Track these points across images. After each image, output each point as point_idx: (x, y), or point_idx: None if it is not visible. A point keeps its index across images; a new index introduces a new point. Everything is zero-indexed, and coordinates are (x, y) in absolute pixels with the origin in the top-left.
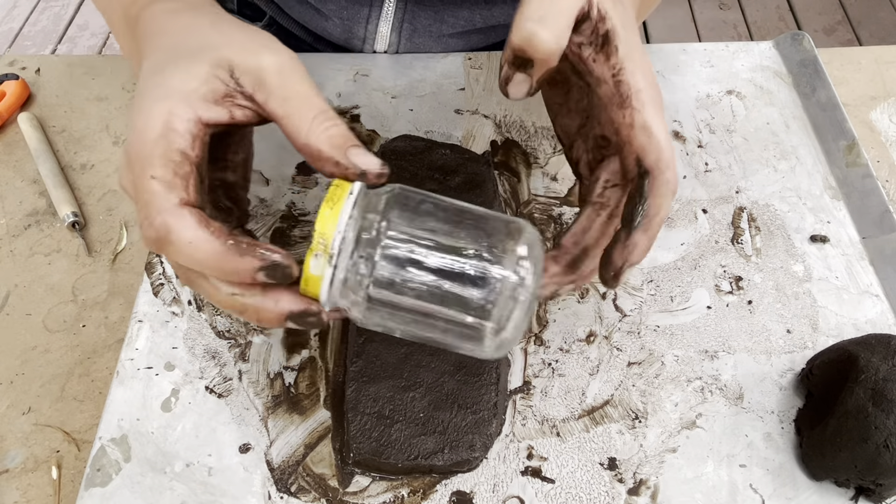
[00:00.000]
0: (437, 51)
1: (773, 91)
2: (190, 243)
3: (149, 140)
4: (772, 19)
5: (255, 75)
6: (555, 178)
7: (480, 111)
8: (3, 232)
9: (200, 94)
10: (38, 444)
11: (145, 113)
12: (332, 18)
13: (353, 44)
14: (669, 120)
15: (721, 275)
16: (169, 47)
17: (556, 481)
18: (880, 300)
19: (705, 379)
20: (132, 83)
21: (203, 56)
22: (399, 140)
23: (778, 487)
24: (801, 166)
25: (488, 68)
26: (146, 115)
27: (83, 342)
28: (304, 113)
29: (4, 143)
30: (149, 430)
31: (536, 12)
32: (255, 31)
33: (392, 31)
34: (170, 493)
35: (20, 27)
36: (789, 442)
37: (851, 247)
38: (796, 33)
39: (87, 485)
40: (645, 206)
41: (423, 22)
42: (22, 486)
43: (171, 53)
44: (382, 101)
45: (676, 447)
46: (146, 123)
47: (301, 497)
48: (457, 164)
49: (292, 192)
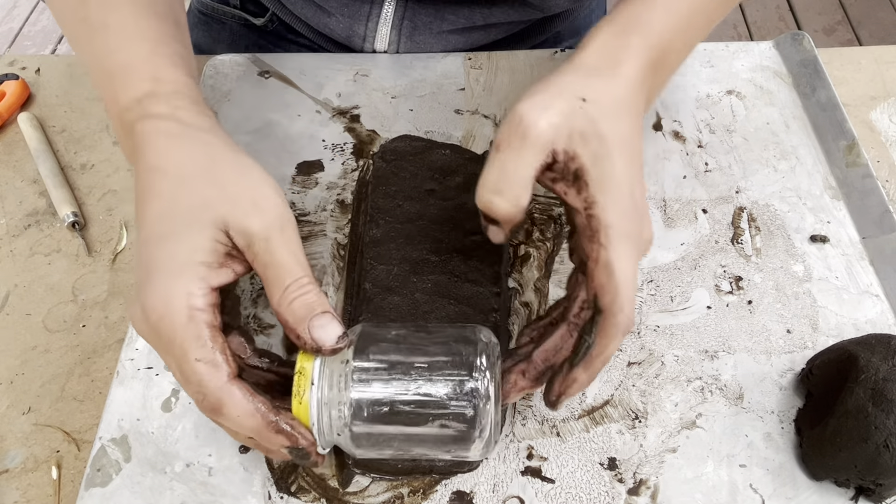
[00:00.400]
0: (437, 47)
1: (773, 91)
2: (238, 416)
3: (179, 325)
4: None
5: (245, 236)
6: None
7: (480, 111)
8: (3, 232)
9: (207, 263)
10: (38, 444)
11: (163, 294)
12: (334, 15)
13: (354, 41)
14: (669, 120)
15: (721, 275)
16: (167, 207)
17: (556, 481)
18: (880, 300)
19: (705, 379)
20: None
21: (202, 218)
22: (399, 140)
23: (778, 487)
24: (801, 166)
25: (488, 68)
26: (165, 298)
27: (83, 342)
28: (279, 282)
29: (4, 143)
30: (149, 430)
31: (494, 183)
32: (248, 178)
33: (392, 29)
34: (170, 493)
35: (20, 27)
36: (789, 442)
37: (851, 247)
38: (796, 33)
39: (87, 485)
40: (591, 344)
41: (424, 19)
42: (22, 486)
43: (172, 217)
44: (382, 101)
45: (676, 447)
46: (168, 307)
47: (301, 497)
48: (457, 164)
49: (292, 192)
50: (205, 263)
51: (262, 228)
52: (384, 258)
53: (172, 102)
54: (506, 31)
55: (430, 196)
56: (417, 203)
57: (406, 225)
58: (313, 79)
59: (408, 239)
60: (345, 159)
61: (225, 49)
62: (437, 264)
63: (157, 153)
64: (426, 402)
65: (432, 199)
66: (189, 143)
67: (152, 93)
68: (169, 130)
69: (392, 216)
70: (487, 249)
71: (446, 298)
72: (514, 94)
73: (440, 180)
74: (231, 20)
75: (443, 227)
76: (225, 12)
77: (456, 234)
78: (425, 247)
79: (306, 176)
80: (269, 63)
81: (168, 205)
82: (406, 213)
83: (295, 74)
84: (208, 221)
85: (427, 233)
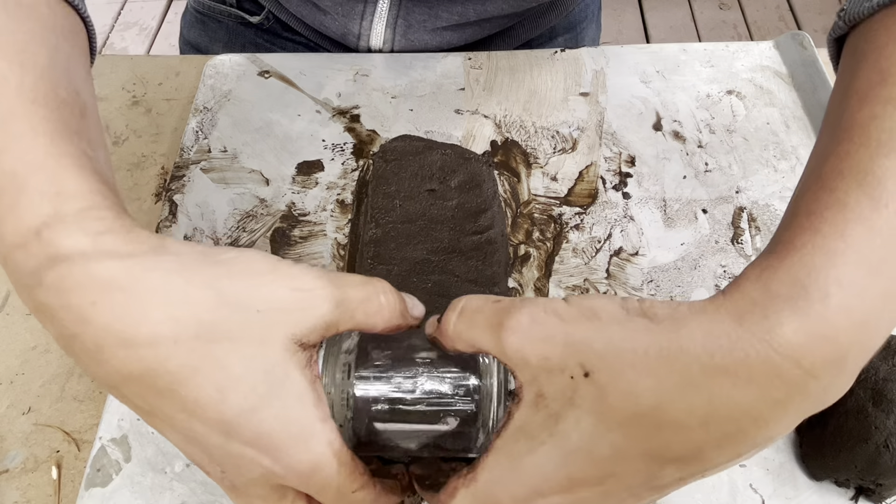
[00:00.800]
0: (432, 44)
1: (773, 91)
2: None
3: (332, 476)
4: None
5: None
6: (555, 178)
7: (480, 111)
8: None
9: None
10: (38, 444)
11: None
12: (329, 13)
13: (349, 39)
14: (669, 120)
15: (721, 275)
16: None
17: None
18: None
19: None
20: (132, 83)
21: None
22: (399, 140)
23: (778, 487)
24: (801, 166)
25: (488, 68)
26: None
27: None
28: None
29: None
30: (149, 430)
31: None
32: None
33: (387, 27)
34: (170, 493)
35: None
36: (789, 442)
37: None
38: (796, 33)
39: (87, 485)
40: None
41: (418, 17)
42: (22, 486)
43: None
44: (382, 101)
45: None
46: (318, 469)
47: None
48: (457, 164)
49: (292, 192)
50: (315, 402)
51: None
52: (384, 258)
53: (89, 227)
54: (500, 26)
55: (430, 196)
56: (417, 203)
57: (406, 225)
58: (313, 79)
59: (408, 239)
60: (345, 159)
61: (221, 47)
62: (437, 264)
63: (119, 319)
64: (429, 400)
65: (432, 199)
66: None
67: (55, 216)
68: (111, 276)
69: (392, 216)
70: (487, 249)
71: (446, 298)
72: (515, 93)
73: (440, 180)
74: (227, 18)
75: (443, 227)
76: (221, 11)
77: (456, 234)
78: (425, 247)
79: (306, 176)
80: (269, 63)
81: (220, 375)
82: (406, 213)
83: (295, 74)
84: (282, 353)
85: (427, 233)
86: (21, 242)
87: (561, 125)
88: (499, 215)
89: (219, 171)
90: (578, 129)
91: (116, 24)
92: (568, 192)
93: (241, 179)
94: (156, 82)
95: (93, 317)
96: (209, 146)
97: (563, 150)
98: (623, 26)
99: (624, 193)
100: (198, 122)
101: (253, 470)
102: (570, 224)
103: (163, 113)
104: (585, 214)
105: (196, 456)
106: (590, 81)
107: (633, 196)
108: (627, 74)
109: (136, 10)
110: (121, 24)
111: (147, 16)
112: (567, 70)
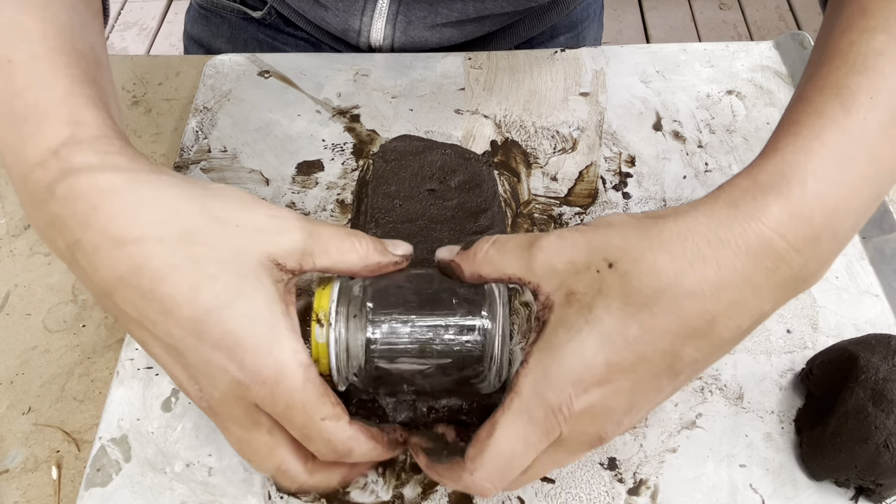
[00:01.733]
0: (432, 40)
1: (773, 91)
2: (363, 454)
3: (297, 390)
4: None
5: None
6: (555, 178)
7: (480, 111)
8: (3, 232)
9: (286, 312)
10: (38, 444)
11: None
12: (330, 9)
13: (350, 34)
14: (669, 120)
15: None
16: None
17: (556, 481)
18: (880, 300)
19: (705, 379)
20: (132, 83)
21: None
22: (399, 140)
23: (778, 487)
24: None
25: (488, 68)
26: (275, 366)
27: (83, 342)
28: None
29: None
30: (149, 430)
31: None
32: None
33: (387, 24)
34: (170, 493)
35: None
36: (789, 442)
37: (851, 247)
38: (796, 33)
39: (87, 485)
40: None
41: (418, 13)
42: (22, 486)
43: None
44: (382, 101)
45: (676, 447)
46: (281, 374)
47: (301, 497)
48: (457, 164)
49: (292, 192)
50: (284, 313)
51: (301, 238)
52: None
53: (100, 148)
54: (500, 23)
55: (430, 196)
56: (417, 203)
57: (406, 225)
58: (313, 79)
59: (408, 239)
60: (345, 159)
61: (224, 42)
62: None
63: (114, 220)
64: (439, 339)
65: (432, 199)
66: (151, 191)
67: (72, 139)
68: (112, 185)
69: (392, 216)
70: None
71: None
72: (515, 93)
73: (440, 180)
74: (230, 14)
75: (443, 227)
76: (224, 6)
77: (456, 234)
78: (425, 247)
79: (306, 176)
80: (269, 63)
81: (195, 274)
82: (406, 213)
83: (295, 74)
84: (256, 265)
85: (427, 233)
86: (40, 161)
87: (561, 125)
88: (499, 215)
89: (219, 171)
90: (578, 129)
91: (116, 23)
92: (568, 192)
93: (241, 179)
94: (156, 82)
95: (93, 220)
96: (209, 146)
97: (563, 150)
98: (623, 26)
99: (624, 193)
100: (198, 122)
101: (222, 378)
102: (571, 224)
103: (163, 113)
104: (585, 214)
105: (175, 371)
106: (590, 81)
107: (633, 196)
108: (627, 74)
109: (136, 10)
110: (121, 23)
111: (147, 16)
112: (567, 70)
